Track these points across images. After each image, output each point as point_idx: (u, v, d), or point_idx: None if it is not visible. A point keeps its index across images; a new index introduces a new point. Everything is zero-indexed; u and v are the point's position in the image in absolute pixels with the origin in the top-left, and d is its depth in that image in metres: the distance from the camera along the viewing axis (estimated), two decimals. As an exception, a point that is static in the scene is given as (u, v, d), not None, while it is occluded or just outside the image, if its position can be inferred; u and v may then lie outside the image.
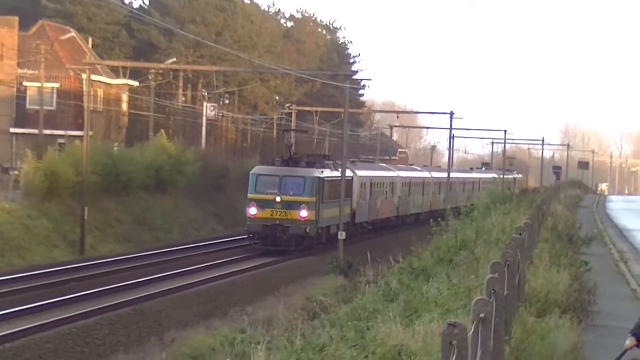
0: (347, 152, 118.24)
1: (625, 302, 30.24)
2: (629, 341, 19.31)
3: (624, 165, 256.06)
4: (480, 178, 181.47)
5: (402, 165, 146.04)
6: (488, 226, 65.54)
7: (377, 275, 55.17)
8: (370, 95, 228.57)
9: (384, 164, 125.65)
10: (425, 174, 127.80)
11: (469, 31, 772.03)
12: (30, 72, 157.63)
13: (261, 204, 57.14)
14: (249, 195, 59.29)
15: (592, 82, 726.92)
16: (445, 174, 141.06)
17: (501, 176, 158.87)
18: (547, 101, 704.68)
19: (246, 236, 79.05)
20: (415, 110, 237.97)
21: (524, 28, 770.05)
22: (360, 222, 79.19)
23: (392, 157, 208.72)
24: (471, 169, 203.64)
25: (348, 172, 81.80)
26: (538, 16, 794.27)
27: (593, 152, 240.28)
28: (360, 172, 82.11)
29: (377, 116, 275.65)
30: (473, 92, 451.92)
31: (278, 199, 57.24)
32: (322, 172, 61.63)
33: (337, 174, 69.33)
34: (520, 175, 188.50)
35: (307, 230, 56.33)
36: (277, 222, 51.84)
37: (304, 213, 55.07)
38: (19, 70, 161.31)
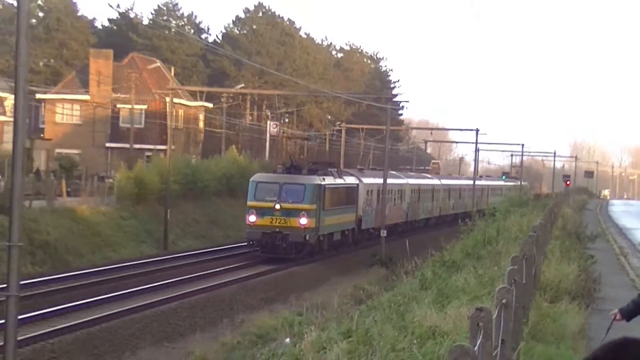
0: (388, 163, 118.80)
1: (625, 289, 30.01)
2: (615, 313, 19.26)
3: (623, 174, 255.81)
4: (488, 185, 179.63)
5: (412, 173, 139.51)
6: (508, 226, 65.17)
7: (413, 267, 54.67)
8: (408, 114, 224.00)
9: (394, 172, 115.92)
10: (435, 182, 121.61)
11: (486, 53, 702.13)
12: (123, 96, 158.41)
13: (261, 212, 53.84)
14: (249, 203, 56.20)
15: (597, 103, 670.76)
16: (453, 182, 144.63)
17: (508, 183, 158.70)
18: (558, 118, 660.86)
19: (246, 243, 73.03)
20: (446, 127, 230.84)
21: (536, 50, 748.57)
22: (367, 228, 74.15)
23: (426, 167, 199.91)
24: (481, 176, 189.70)
25: (353, 180, 78.24)
26: (551, 40, 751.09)
27: (597, 163, 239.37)
28: (366, 180, 76.42)
29: (414, 132, 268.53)
30: (494, 109, 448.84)
31: (277, 206, 53.46)
32: (324, 179, 57.55)
33: (340, 181, 65.62)
34: (526, 183, 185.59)
35: (307, 237, 52.91)
36: (277, 230, 48.90)
37: (303, 220, 51.68)
38: (114, 95, 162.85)
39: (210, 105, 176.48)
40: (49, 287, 63.56)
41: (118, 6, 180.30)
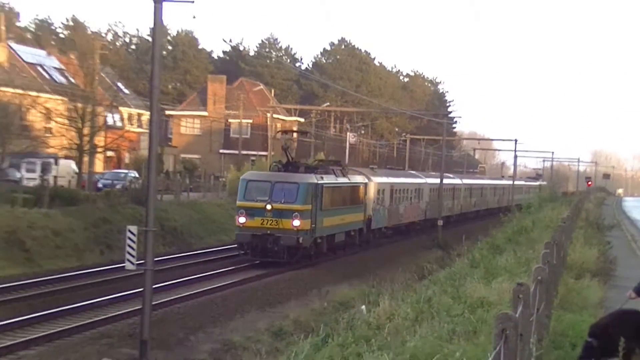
0: (445, 167, 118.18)
1: (637, 269, 29.64)
2: (630, 293, 19.07)
3: (634, 176, 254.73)
4: (509, 185, 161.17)
5: (433, 173, 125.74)
6: (541, 217, 64.90)
7: (465, 250, 53.68)
8: (460, 127, 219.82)
9: (413, 172, 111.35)
10: (457, 181, 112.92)
11: (525, 75, 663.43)
12: (233, 112, 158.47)
13: (250, 212, 45.54)
14: (238, 203, 47.63)
15: (615, 115, 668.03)
16: (475, 181, 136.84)
17: (528, 183, 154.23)
18: (582, 129, 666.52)
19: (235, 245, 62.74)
20: (490, 137, 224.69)
21: (570, 69, 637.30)
22: (378, 227, 67.09)
23: (474, 170, 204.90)
24: (502, 176, 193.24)
25: (361, 179, 69.99)
26: (582, 59, 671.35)
27: (613, 167, 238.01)
28: (377, 179, 68.55)
29: (465, 142, 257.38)
30: (530, 120, 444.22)
31: (269, 206, 44.51)
32: (322, 178, 49.92)
33: (343, 180, 57.72)
34: (544, 183, 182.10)
35: (301, 240, 45.01)
36: (268, 232, 42.27)
37: (296, 222, 43.76)
38: (226, 111, 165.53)
39: (302, 119, 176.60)
40: (176, 263, 64.73)
41: (230, 41, 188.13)
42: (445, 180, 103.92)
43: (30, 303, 40.88)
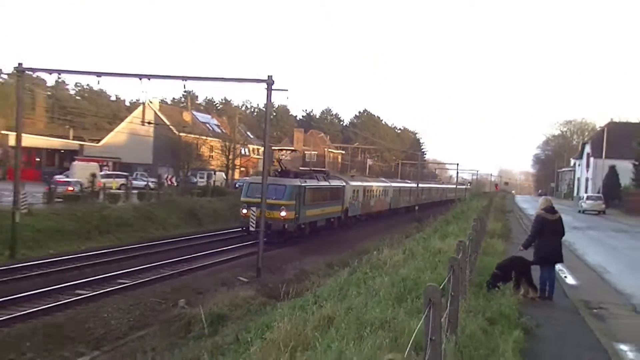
0: (417, 179, 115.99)
1: (522, 234, 28.86)
2: (520, 247, 19.20)
3: (521, 184, 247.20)
4: (445, 188, 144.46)
5: (398, 180, 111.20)
6: (471, 205, 64.16)
7: (429, 224, 52.27)
8: (428, 155, 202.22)
9: (383, 179, 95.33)
10: (412, 185, 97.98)
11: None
12: (307, 148, 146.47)
13: (251, 206, 43.16)
14: (242, 199, 45.61)
15: (511, 145, 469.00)
16: (428, 185, 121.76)
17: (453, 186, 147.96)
18: (494, 154, 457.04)
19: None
20: (443, 161, 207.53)
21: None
22: (353, 215, 61.81)
23: (435, 180, 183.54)
24: (442, 182, 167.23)
25: (340, 183, 61.92)
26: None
27: (509, 179, 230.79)
28: (352, 182, 64.13)
29: (430, 164, 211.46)
30: (467, 149, 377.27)
31: None
32: (306, 181, 46.26)
33: (325, 183, 54.16)
34: (470, 186, 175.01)
35: (286, 226, 43.70)
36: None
37: (283, 213, 43.02)
38: (303, 147, 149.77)
39: (343, 152, 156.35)
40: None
41: (305, 110, 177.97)
42: (403, 184, 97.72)
43: (198, 246, 41.07)
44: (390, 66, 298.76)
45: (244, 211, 42.29)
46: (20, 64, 35.18)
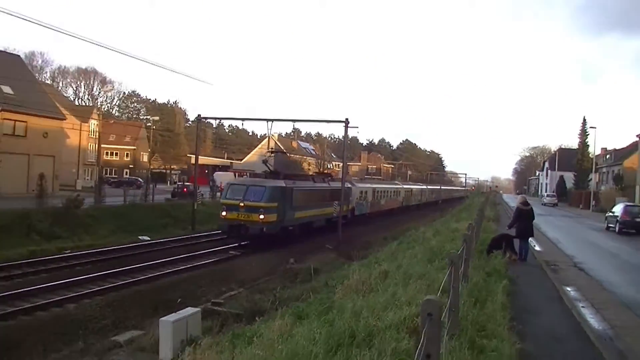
0: (433, 183, 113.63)
1: (507, 219, 28.43)
2: (507, 227, 19.13)
3: (507, 186, 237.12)
4: (454, 189, 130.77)
5: (410, 182, 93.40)
6: (475, 201, 63.40)
7: (445, 213, 51.11)
8: (448, 168, 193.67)
9: (396, 182, 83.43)
10: (423, 187, 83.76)
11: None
12: (369, 164, 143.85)
13: (230, 208, 29.73)
14: (222, 201, 31.90)
15: (498, 158, 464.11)
16: (436, 187, 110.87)
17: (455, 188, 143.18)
18: (488, 165, 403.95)
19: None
20: (456, 171, 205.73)
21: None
22: (360, 214, 46.75)
23: (452, 185, 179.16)
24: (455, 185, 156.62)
25: (346, 185, 44.58)
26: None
27: (498, 183, 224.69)
28: (360, 185, 49.89)
29: (449, 173, 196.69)
30: (474, 162, 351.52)
31: (242, 204, 29.35)
32: (295, 183, 33.43)
33: (322, 185, 39.13)
34: (473, 188, 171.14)
35: (265, 229, 29.04)
36: (241, 222, 28.80)
37: (262, 216, 28.89)
38: (367, 163, 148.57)
39: (392, 166, 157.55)
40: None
41: (367, 139, 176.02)
42: (414, 186, 79.31)
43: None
44: (425, 103, 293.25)
45: (223, 213, 28.56)
46: (199, 115, 36.76)
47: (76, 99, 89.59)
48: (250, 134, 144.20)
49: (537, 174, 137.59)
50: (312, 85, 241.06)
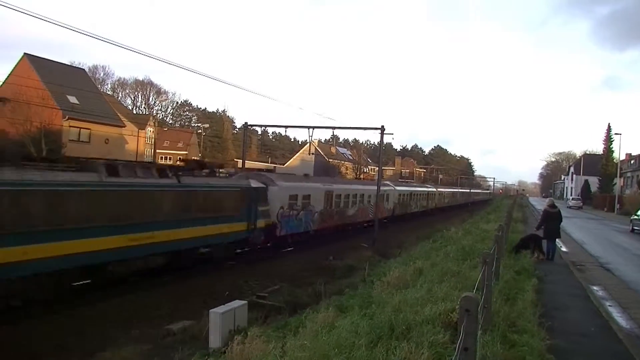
0: (463, 186, 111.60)
1: (534, 220, 28.03)
2: (535, 229, 18.82)
3: (534, 190, 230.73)
4: (483, 192, 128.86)
5: (442, 186, 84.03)
6: (503, 203, 62.48)
7: (476, 214, 50.24)
8: (477, 172, 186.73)
9: (429, 185, 72.20)
10: (454, 190, 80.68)
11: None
12: (402, 168, 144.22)
13: None
14: None
15: (523, 165, 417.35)
16: (466, 190, 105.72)
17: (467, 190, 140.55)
18: (515, 172, 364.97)
19: None
20: (485, 176, 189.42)
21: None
22: (292, 233, 25.74)
23: (481, 188, 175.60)
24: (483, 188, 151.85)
25: (387, 188, 41.74)
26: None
27: (525, 187, 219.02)
28: (286, 184, 25.60)
29: (478, 177, 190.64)
30: (500, 168, 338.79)
31: None
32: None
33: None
34: (501, 192, 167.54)
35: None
36: None
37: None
38: (400, 168, 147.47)
39: (424, 170, 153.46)
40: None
41: (401, 145, 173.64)
42: (448, 190, 76.46)
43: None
44: (457, 110, 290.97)
45: None
46: (246, 122, 37.16)
47: (134, 108, 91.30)
48: (292, 140, 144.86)
49: (562, 178, 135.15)
50: (350, 94, 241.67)
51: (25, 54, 46.15)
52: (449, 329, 6.40)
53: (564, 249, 21.53)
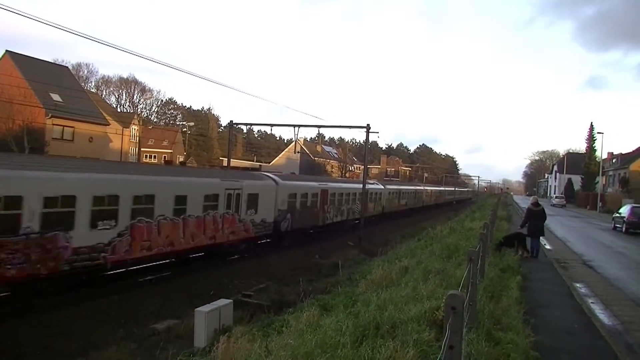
0: (448, 184, 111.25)
1: (518, 218, 28.25)
2: (519, 227, 18.92)
3: (517, 188, 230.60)
4: (466, 190, 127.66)
5: (427, 184, 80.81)
6: (488, 201, 62.75)
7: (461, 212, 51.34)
8: (462, 171, 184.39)
9: (414, 183, 72.27)
10: (439, 188, 79.46)
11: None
12: (388, 167, 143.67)
13: None
14: None
15: (509, 164, 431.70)
16: (450, 188, 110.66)
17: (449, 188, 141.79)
18: (501, 170, 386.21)
19: None
20: (469, 174, 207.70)
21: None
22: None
23: (464, 187, 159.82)
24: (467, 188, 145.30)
25: (377, 187, 42.56)
26: None
27: (509, 186, 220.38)
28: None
29: (462, 176, 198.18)
30: (487, 168, 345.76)
31: None
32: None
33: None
34: (484, 190, 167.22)
35: None
36: None
37: None
38: (386, 166, 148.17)
39: (410, 168, 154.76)
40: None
41: (386, 143, 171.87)
42: (433, 188, 74.25)
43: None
44: (441, 109, 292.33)
45: None
46: (231, 121, 36.85)
47: (118, 106, 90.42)
48: (278, 138, 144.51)
49: (546, 177, 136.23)
50: (335, 92, 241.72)
51: (7, 50, 45.53)
52: (434, 327, 6.40)
53: (547, 246, 21.68)
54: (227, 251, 21.57)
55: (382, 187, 44.82)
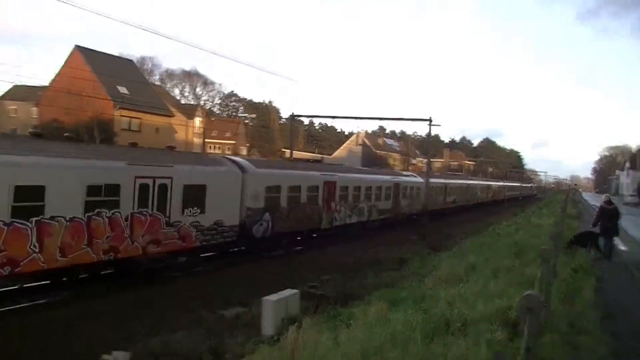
0: (514, 180, 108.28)
1: (590, 216, 27.32)
2: (591, 225, 18.25)
3: (587, 185, 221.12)
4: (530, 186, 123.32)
5: (492, 179, 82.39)
6: (556, 198, 60.77)
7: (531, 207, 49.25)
8: (527, 166, 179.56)
9: (475, 178, 68.77)
10: (505, 184, 76.09)
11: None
12: (451, 160, 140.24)
13: None
14: None
15: (575, 162, 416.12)
16: (515, 184, 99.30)
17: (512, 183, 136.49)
18: (568, 167, 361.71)
19: None
20: (536, 170, 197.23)
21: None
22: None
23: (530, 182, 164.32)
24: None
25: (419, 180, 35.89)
26: None
27: (577, 183, 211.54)
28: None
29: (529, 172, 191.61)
30: (554, 163, 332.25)
31: None
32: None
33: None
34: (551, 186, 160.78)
35: None
36: None
37: None
38: (448, 160, 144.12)
39: (474, 162, 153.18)
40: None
41: (449, 137, 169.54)
42: (498, 184, 72.17)
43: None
44: (507, 103, 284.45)
45: None
46: (292, 113, 37.32)
47: (182, 98, 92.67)
48: (339, 130, 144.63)
49: (617, 174, 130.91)
50: (397, 84, 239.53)
51: (76, 45, 47.28)
52: (506, 327, 6.32)
53: (621, 247, 20.85)
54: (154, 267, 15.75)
55: (421, 180, 36.84)
